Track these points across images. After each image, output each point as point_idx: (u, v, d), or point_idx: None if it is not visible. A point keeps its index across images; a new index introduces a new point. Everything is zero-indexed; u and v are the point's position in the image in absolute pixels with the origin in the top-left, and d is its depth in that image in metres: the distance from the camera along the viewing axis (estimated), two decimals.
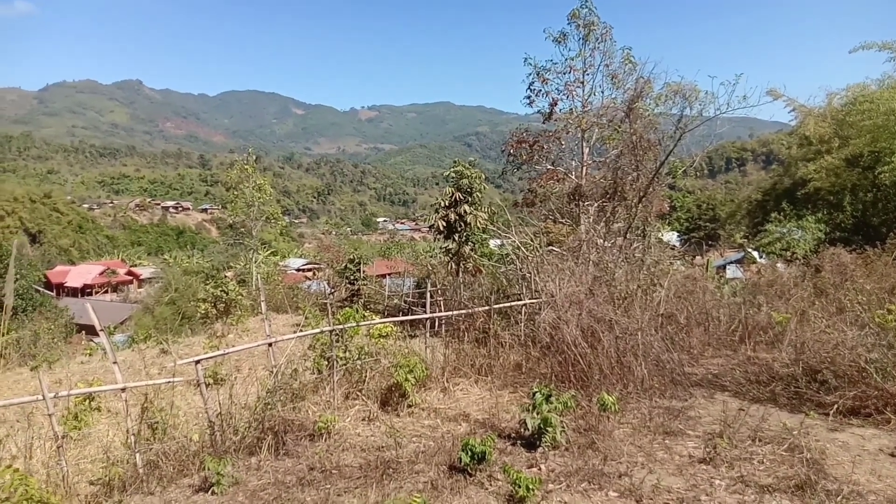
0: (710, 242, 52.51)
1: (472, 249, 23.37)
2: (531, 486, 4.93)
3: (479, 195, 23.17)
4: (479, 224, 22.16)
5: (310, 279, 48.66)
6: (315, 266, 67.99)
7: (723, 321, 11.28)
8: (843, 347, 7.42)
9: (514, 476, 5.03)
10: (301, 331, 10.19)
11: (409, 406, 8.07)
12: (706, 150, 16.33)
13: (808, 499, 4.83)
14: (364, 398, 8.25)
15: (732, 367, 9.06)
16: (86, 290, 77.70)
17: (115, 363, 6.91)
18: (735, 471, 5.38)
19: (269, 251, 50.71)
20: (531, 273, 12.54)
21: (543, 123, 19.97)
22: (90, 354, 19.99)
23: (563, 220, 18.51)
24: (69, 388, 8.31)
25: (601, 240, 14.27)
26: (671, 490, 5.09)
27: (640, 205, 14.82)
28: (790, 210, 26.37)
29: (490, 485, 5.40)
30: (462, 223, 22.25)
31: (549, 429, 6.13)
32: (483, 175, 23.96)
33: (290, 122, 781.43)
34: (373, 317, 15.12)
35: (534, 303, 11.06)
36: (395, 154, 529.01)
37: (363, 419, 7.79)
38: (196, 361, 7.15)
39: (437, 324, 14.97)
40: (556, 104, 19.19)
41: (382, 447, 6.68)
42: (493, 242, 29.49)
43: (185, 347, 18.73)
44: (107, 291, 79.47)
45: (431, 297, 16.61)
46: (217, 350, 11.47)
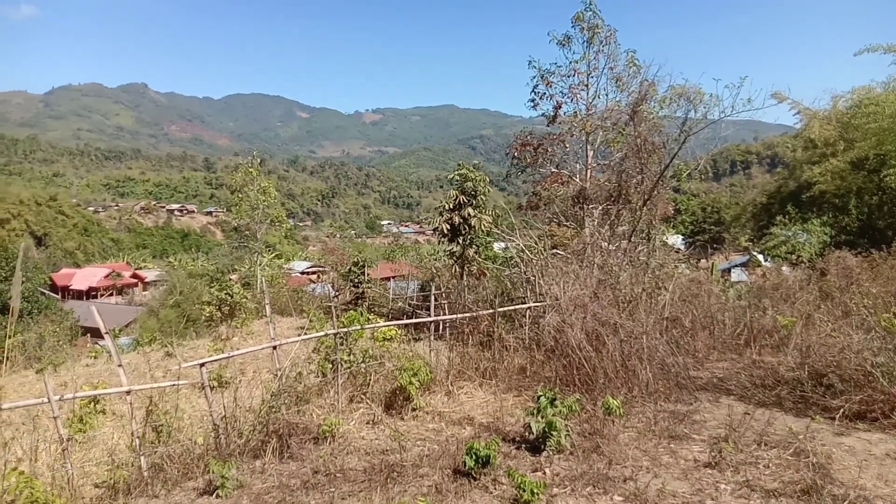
0: (715, 246, 52.37)
1: (477, 252, 23.37)
2: (536, 490, 4.91)
3: (484, 198, 23.17)
4: (484, 227, 22.16)
5: (314, 282, 48.68)
6: (319, 269, 68.01)
7: (728, 325, 11.24)
8: (849, 351, 7.39)
9: (519, 480, 5.02)
10: (305, 334, 10.20)
11: (414, 409, 8.06)
12: (711, 153, 16.32)
13: None
14: (368, 401, 8.25)
15: (738, 371, 9.02)
16: (91, 293, 77.90)
17: (120, 366, 6.93)
18: (740, 475, 5.36)
19: (274, 254, 50.74)
20: (535, 276, 12.53)
21: (548, 126, 19.99)
22: (95, 357, 20.06)
23: (568, 224, 18.49)
24: (74, 391, 8.33)
25: (606, 243, 14.26)
26: (676, 494, 5.07)
27: (645, 208, 14.79)
28: (795, 213, 26.30)
29: (494, 489, 5.38)
30: (466, 226, 22.25)
31: (554, 433, 6.12)
32: (487, 178, 23.96)
33: (295, 126, 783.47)
34: (377, 320, 15.10)
35: (538, 306, 11.06)
36: (400, 157, 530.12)
37: (367, 422, 7.79)
38: (200, 364, 7.17)
39: (442, 327, 14.96)
40: (561, 107, 19.21)
41: (387, 451, 6.68)
42: (498, 245, 29.47)
43: (190, 350, 18.77)
44: (112, 294, 79.71)
45: (436, 301, 16.60)
46: (221, 353, 11.51)
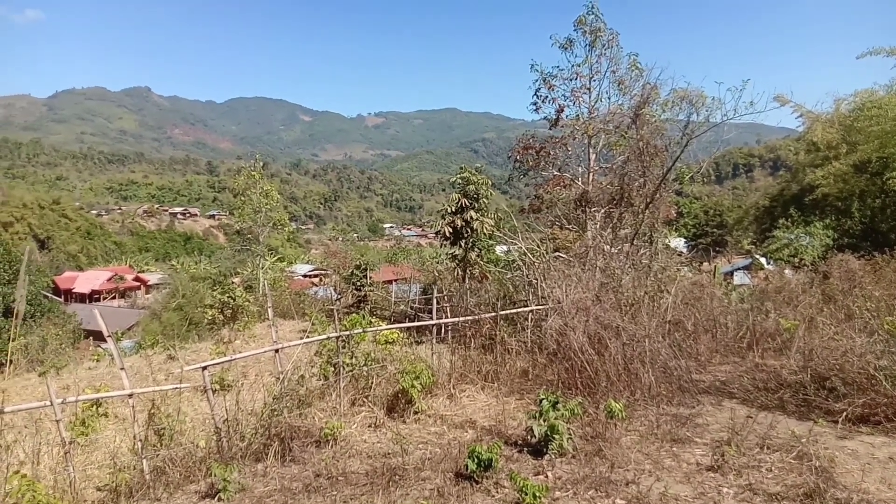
0: (718, 249, 52.37)
1: (479, 255, 23.35)
2: (538, 494, 4.90)
3: (486, 201, 23.15)
4: (486, 230, 22.13)
5: (316, 285, 48.70)
6: (322, 272, 68.06)
7: (730, 328, 11.23)
8: (852, 354, 7.37)
9: (521, 483, 5.01)
10: (308, 337, 10.21)
11: (416, 413, 8.06)
12: (713, 156, 16.32)
13: None
14: (370, 405, 8.26)
15: (740, 374, 9.02)
16: (94, 296, 77.99)
17: (123, 369, 6.94)
18: (743, 479, 5.34)
19: (276, 257, 50.82)
20: (538, 279, 12.53)
21: (550, 129, 19.99)
22: (98, 360, 20.10)
23: (570, 227, 18.48)
24: (77, 394, 8.35)
25: (608, 246, 14.26)
26: (679, 498, 5.06)
27: (647, 211, 14.79)
28: (798, 216, 26.28)
29: (496, 492, 5.38)
30: (468, 229, 22.23)
31: (556, 436, 6.11)
32: (489, 181, 23.94)
33: (298, 129, 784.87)
34: (379, 323, 15.13)
35: (540, 309, 11.05)
36: (402, 160, 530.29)
37: (369, 426, 7.79)
38: (203, 367, 7.17)
39: (444, 330, 14.96)
40: (563, 110, 19.23)
41: (389, 454, 6.67)
42: (500, 248, 29.46)
43: (192, 353, 18.78)
44: (114, 297, 79.77)
45: (438, 304, 16.61)
46: (224, 356, 11.50)
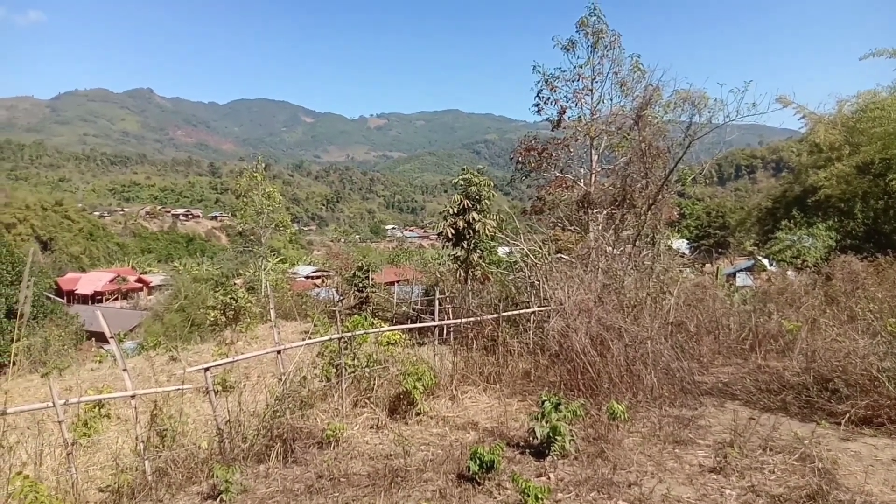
0: (720, 250, 52.27)
1: (481, 257, 23.37)
2: (540, 495, 4.89)
3: (488, 203, 23.19)
4: (488, 231, 22.16)
5: (318, 287, 48.77)
6: (324, 273, 68.18)
7: (733, 329, 11.20)
8: (855, 356, 7.36)
9: (523, 485, 5.00)
10: (310, 338, 10.20)
11: (418, 414, 8.05)
12: (715, 158, 16.31)
13: None
14: (372, 406, 8.25)
15: (743, 376, 9.00)
16: (96, 298, 78.20)
17: (125, 370, 6.94)
18: (746, 480, 5.33)
19: (278, 259, 50.88)
20: (540, 281, 12.52)
21: (552, 131, 20.02)
22: (100, 361, 20.14)
23: (572, 228, 18.48)
24: (79, 395, 8.36)
25: (610, 247, 14.23)
26: (681, 500, 5.05)
27: (650, 212, 14.78)
28: (800, 218, 26.20)
29: (498, 494, 5.37)
30: (471, 231, 22.25)
31: (558, 437, 6.10)
32: (491, 182, 23.99)
33: (300, 131, 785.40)
34: (381, 324, 15.13)
35: (542, 310, 11.04)
36: (404, 162, 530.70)
37: (371, 427, 7.78)
38: (205, 369, 7.18)
39: (446, 331, 14.97)
40: (565, 112, 19.25)
41: (391, 455, 6.66)
42: (502, 250, 29.49)
43: (195, 355, 18.81)
44: (117, 299, 79.99)
45: (440, 305, 16.61)
46: (226, 357, 11.51)
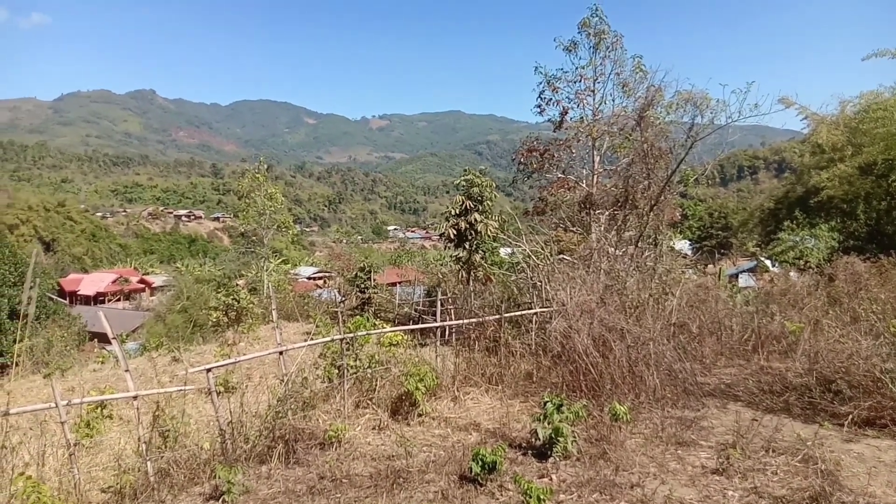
0: (723, 251, 52.13)
1: (483, 258, 23.35)
2: (542, 497, 4.89)
3: (490, 203, 23.17)
4: (490, 232, 22.15)
5: (321, 287, 48.80)
6: (326, 274, 68.19)
7: (735, 330, 11.19)
8: (858, 357, 7.35)
9: (525, 486, 5.00)
10: (312, 339, 10.21)
11: (420, 415, 8.05)
12: (718, 159, 16.29)
13: None
14: (374, 407, 8.25)
15: (745, 377, 8.98)
16: (98, 298, 78.31)
17: (127, 371, 6.95)
18: (748, 482, 5.32)
19: (281, 259, 50.83)
20: (542, 282, 12.51)
21: (554, 132, 20.01)
22: (102, 362, 20.14)
23: (574, 229, 18.46)
24: (81, 396, 8.36)
25: (612, 248, 14.22)
26: (684, 501, 5.04)
27: (652, 213, 14.76)
28: (803, 218, 26.12)
29: (501, 495, 5.37)
30: (472, 231, 22.24)
31: (561, 439, 6.09)
32: (493, 183, 23.97)
33: (302, 132, 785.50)
34: (383, 325, 15.12)
35: (545, 311, 11.02)
36: (406, 163, 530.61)
37: (373, 428, 7.78)
38: (207, 370, 7.18)
39: (448, 332, 14.97)
40: (567, 113, 19.25)
41: (393, 456, 6.66)
42: (504, 251, 29.47)
43: (197, 355, 18.81)
44: (119, 299, 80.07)
45: (442, 306, 16.61)
46: (228, 358, 11.52)
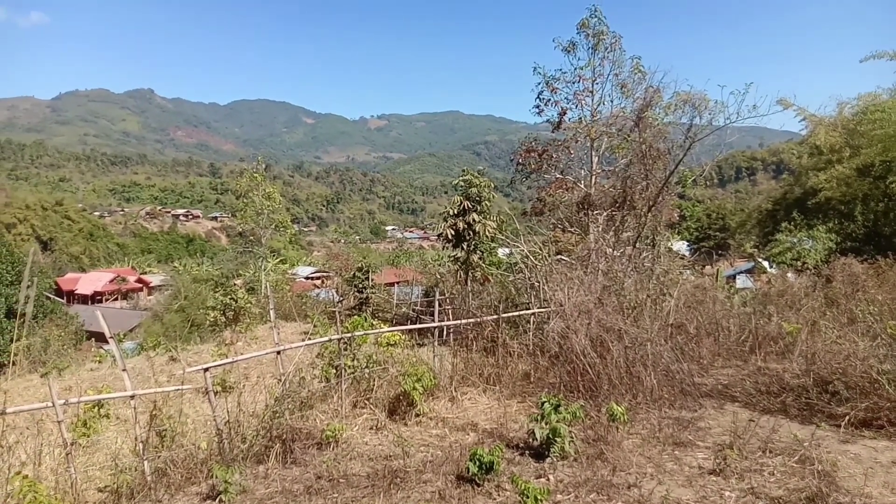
0: (720, 252, 52.17)
1: (481, 258, 23.35)
2: (539, 497, 4.89)
3: (488, 204, 23.17)
4: (488, 233, 22.14)
5: (318, 287, 48.73)
6: (324, 274, 68.09)
7: (733, 331, 11.20)
8: (855, 358, 7.36)
9: (523, 486, 5.00)
10: (309, 339, 10.20)
11: (417, 415, 8.05)
12: (716, 160, 16.31)
13: None
14: (372, 407, 8.25)
15: (742, 378, 8.99)
16: (96, 298, 78.16)
17: (125, 370, 6.94)
18: (745, 482, 5.33)
19: (278, 259, 50.82)
20: (540, 282, 12.52)
21: (552, 132, 20.00)
22: (100, 361, 20.10)
23: (572, 230, 18.47)
24: (79, 396, 8.36)
25: (610, 249, 14.23)
26: (680, 502, 5.05)
27: (650, 214, 14.78)
28: (801, 220, 26.18)
29: (498, 495, 5.37)
30: (471, 232, 22.24)
31: (558, 439, 6.10)
32: (492, 184, 23.96)
33: (300, 132, 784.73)
34: (381, 325, 15.13)
35: (542, 312, 11.03)
36: (404, 163, 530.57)
37: (371, 428, 7.78)
38: (205, 369, 7.17)
39: (446, 332, 14.96)
40: (566, 113, 19.24)
41: (390, 456, 6.66)
42: (502, 251, 29.47)
43: (194, 355, 18.77)
44: (117, 299, 79.97)
45: (440, 306, 16.60)
46: (226, 358, 11.51)
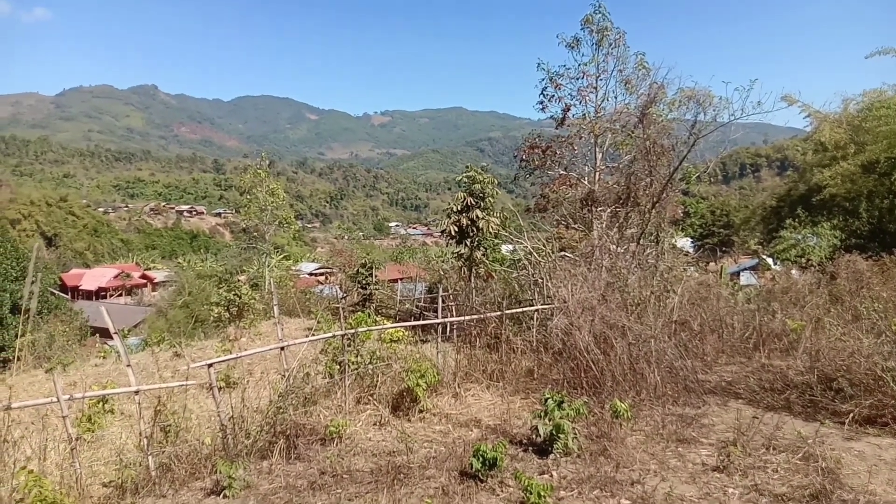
0: (724, 249, 52.14)
1: (484, 254, 23.34)
2: (542, 493, 4.89)
3: (492, 200, 23.13)
4: (492, 229, 22.12)
5: (322, 283, 48.77)
6: (327, 270, 68.14)
7: (737, 328, 11.18)
8: (860, 355, 7.33)
9: (526, 482, 5.01)
10: (313, 335, 10.22)
11: (421, 411, 8.06)
12: (720, 156, 16.27)
13: None
14: (375, 403, 8.26)
15: (746, 375, 8.97)
16: (100, 293, 78.33)
17: (129, 366, 6.96)
18: (749, 479, 5.33)
19: (282, 255, 50.85)
20: (543, 279, 12.49)
21: (556, 129, 19.94)
22: (104, 357, 20.18)
23: (576, 226, 18.43)
24: (83, 391, 8.38)
25: (614, 245, 14.20)
26: (684, 498, 5.05)
27: (654, 210, 14.74)
28: (805, 216, 26.07)
29: (501, 491, 5.38)
30: (474, 228, 22.22)
31: (561, 435, 6.10)
32: (495, 180, 23.92)
33: (304, 128, 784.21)
34: (384, 321, 15.12)
35: (546, 308, 11.02)
36: (408, 159, 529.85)
37: (374, 424, 7.79)
38: (209, 365, 7.19)
39: (449, 329, 14.95)
40: (569, 109, 19.17)
41: (394, 452, 6.67)
42: (506, 248, 29.43)
43: (198, 351, 18.83)
44: (121, 294, 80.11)
45: (443, 302, 16.60)
46: (230, 354, 11.54)
